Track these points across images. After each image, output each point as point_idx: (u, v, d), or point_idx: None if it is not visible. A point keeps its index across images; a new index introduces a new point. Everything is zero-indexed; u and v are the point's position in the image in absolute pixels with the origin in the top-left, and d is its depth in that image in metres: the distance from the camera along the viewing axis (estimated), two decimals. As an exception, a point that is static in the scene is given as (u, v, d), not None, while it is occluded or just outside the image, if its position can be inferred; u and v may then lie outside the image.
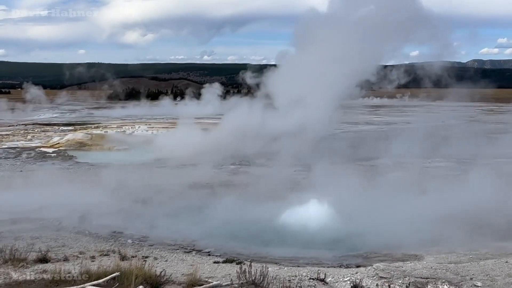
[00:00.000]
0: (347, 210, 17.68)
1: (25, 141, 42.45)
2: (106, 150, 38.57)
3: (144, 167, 29.19)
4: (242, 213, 18.10)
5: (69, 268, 10.89)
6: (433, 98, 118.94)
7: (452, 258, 13.02)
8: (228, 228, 16.63)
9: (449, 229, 15.87)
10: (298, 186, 22.73)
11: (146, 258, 12.63)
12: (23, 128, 53.61)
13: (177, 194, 21.44)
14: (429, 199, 18.61)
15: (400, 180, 21.26)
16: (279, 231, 16.40)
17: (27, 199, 19.52)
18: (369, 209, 17.90)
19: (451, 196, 18.60)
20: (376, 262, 12.32)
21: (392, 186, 20.30)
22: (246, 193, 20.80)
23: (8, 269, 10.92)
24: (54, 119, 67.77)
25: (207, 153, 29.85)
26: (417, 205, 17.79)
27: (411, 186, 20.17)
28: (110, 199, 19.62)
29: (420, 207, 17.58)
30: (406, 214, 16.96)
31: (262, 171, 26.12)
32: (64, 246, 13.86)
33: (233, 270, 11.06)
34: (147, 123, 56.54)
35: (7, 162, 31.64)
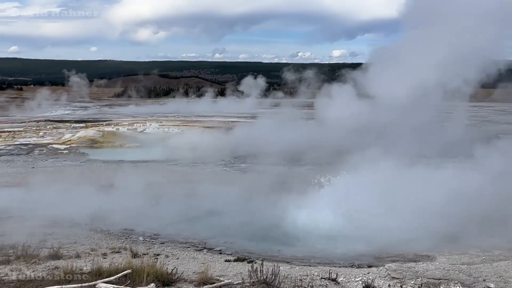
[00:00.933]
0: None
1: (37, 138, 42.63)
2: (118, 148, 38.68)
3: (155, 165, 29.26)
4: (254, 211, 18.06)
5: (81, 265, 10.93)
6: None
7: (464, 259, 12.94)
8: (240, 226, 16.60)
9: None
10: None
11: (158, 256, 12.66)
12: (35, 125, 53.83)
13: (188, 192, 21.48)
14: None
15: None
16: (291, 229, 16.34)
17: (39, 196, 19.59)
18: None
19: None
20: (388, 263, 12.27)
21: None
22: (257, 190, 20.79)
23: (20, 265, 10.98)
24: (66, 116, 68.03)
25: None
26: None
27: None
28: (121, 196, 19.63)
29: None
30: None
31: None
32: (76, 243, 13.91)
33: (244, 268, 11.05)
34: (158, 120, 56.58)
35: (20, 159, 31.79)
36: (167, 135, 44.55)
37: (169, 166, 28.97)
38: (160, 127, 50.08)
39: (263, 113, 57.33)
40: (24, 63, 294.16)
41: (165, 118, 60.61)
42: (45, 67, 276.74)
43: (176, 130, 47.76)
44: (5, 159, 31.60)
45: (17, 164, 29.73)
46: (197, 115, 65.23)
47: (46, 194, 19.96)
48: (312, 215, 16.82)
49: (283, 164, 27.96)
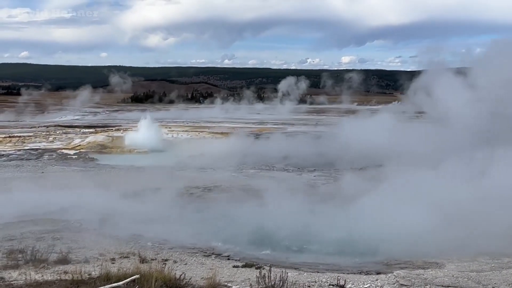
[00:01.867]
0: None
1: (46, 143, 42.82)
2: (127, 153, 38.79)
3: (164, 170, 29.31)
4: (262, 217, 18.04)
5: (90, 269, 10.96)
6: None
7: (473, 266, 12.86)
8: (248, 232, 16.57)
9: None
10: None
11: (166, 261, 12.67)
12: (45, 130, 54.07)
13: (197, 197, 21.52)
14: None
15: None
16: (299, 235, 16.31)
17: (49, 200, 19.67)
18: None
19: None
20: (397, 269, 12.23)
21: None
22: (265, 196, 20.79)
23: (29, 270, 11.02)
24: (76, 121, 68.32)
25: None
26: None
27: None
28: (130, 202, 19.70)
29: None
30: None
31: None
32: (85, 248, 13.94)
33: (252, 274, 11.04)
34: (167, 126, 56.65)
35: (29, 163, 31.94)
36: (176, 140, 44.61)
37: (178, 172, 29.01)
38: (169, 132, 50.08)
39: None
40: (35, 68, 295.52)
41: (174, 124, 60.67)
42: (55, 72, 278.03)
43: (185, 136, 47.81)
44: (15, 164, 31.76)
45: (26, 169, 29.86)
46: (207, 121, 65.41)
47: (55, 198, 20.06)
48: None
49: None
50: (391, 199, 17.60)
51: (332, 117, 74.68)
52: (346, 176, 24.11)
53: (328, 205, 19.24)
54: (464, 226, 15.48)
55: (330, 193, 21.26)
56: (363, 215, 17.38)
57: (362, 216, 17.37)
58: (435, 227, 15.68)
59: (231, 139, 42.34)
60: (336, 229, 16.57)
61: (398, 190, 18.18)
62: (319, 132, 50.24)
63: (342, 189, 20.99)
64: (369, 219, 17.00)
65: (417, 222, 15.88)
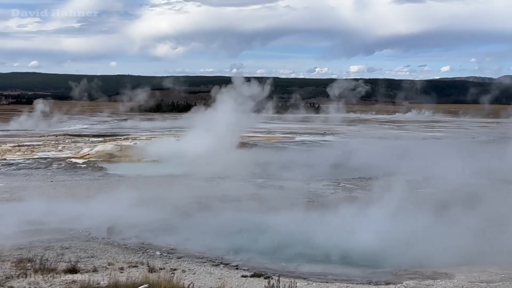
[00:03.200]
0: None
1: (55, 152, 42.95)
2: (135, 162, 38.84)
3: (172, 179, 29.33)
4: (270, 227, 18.01)
5: (98, 279, 10.97)
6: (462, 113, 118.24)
7: (483, 277, 12.78)
8: (257, 241, 16.55)
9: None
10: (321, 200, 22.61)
11: (175, 271, 12.65)
12: (54, 139, 54.26)
13: (205, 206, 21.51)
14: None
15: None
16: (307, 245, 16.26)
17: (58, 209, 19.73)
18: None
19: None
20: (406, 280, 12.18)
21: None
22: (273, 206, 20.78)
23: (38, 279, 11.05)
24: (84, 130, 68.54)
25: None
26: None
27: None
28: (138, 211, 19.71)
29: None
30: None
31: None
32: (93, 257, 13.95)
33: (261, 284, 11.04)
34: (176, 135, 56.71)
35: (38, 172, 32.03)
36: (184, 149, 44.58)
37: (186, 181, 29.01)
38: (178, 141, 50.07)
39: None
40: (44, 77, 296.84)
41: (182, 133, 60.73)
42: (64, 81, 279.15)
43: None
44: (24, 172, 31.86)
45: (35, 178, 29.94)
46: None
47: (63, 207, 20.13)
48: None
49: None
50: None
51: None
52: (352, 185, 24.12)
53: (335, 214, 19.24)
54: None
55: (339, 202, 21.23)
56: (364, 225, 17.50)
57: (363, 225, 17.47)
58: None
59: (240, 148, 42.36)
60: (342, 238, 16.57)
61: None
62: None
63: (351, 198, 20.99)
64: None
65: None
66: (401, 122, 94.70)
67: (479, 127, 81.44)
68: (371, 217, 18.14)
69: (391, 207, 18.64)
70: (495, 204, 18.74)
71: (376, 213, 18.40)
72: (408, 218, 18.08)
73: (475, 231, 16.06)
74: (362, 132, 69.24)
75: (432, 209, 18.69)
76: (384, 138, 58.23)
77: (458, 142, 51.81)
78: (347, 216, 18.78)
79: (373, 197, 20.55)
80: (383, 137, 59.74)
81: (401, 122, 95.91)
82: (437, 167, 26.65)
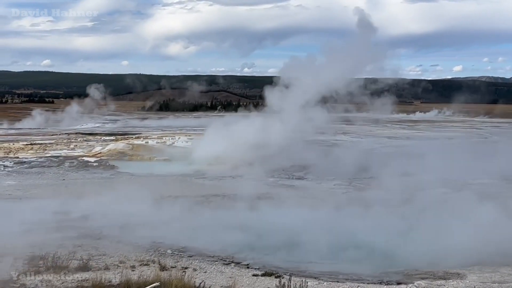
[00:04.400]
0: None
1: (68, 150, 43.14)
2: (147, 161, 38.95)
3: (183, 178, 29.41)
4: (281, 226, 17.98)
5: (110, 277, 11.02)
6: (474, 113, 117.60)
7: (495, 278, 12.71)
8: (268, 240, 16.54)
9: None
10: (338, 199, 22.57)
11: (186, 269, 12.68)
12: (66, 137, 54.52)
13: (216, 205, 21.54)
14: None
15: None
16: (318, 245, 16.23)
17: (70, 208, 19.83)
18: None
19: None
20: (417, 280, 12.13)
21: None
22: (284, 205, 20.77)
23: (50, 277, 11.10)
24: (96, 129, 68.81)
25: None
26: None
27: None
28: (150, 209, 19.75)
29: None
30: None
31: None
32: (105, 255, 14.01)
33: (272, 283, 11.04)
34: (187, 134, 56.82)
35: (50, 171, 32.19)
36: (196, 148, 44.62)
37: (197, 180, 29.08)
38: (189, 140, 50.15)
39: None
40: (57, 76, 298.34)
41: (194, 132, 60.84)
42: (76, 80, 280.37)
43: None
44: (36, 171, 32.03)
45: (48, 176, 30.11)
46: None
47: (75, 205, 20.22)
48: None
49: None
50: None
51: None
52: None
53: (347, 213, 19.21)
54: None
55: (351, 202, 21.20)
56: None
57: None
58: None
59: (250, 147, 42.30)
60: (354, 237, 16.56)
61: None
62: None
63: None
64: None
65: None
66: (413, 122, 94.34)
67: (492, 127, 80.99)
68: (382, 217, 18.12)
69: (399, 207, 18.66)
70: (506, 203, 18.61)
71: (387, 213, 18.40)
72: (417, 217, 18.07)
73: (487, 230, 15.95)
74: (373, 131, 69.01)
75: (442, 209, 18.58)
76: (396, 138, 58.08)
77: (470, 142, 51.54)
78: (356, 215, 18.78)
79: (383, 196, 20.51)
80: (394, 136, 59.60)
81: (412, 122, 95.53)
82: (449, 167, 26.54)
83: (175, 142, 49.11)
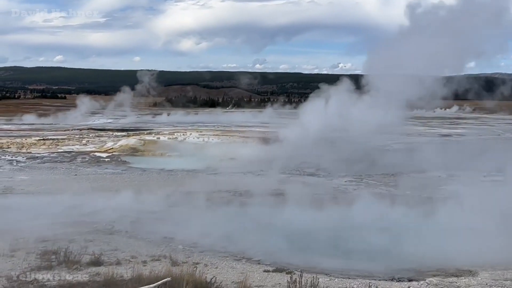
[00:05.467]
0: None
1: (80, 146, 43.33)
2: (158, 156, 39.06)
3: (195, 174, 29.46)
4: (292, 222, 17.97)
5: (122, 272, 11.05)
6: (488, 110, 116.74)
7: (508, 275, 12.61)
8: (278, 237, 16.54)
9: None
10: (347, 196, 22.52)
11: (197, 264, 12.69)
12: (78, 133, 54.77)
13: (227, 201, 21.56)
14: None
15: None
16: (329, 241, 16.22)
17: (81, 203, 19.92)
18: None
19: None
20: (429, 277, 12.08)
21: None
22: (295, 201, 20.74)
23: (62, 271, 11.16)
24: (108, 125, 69.01)
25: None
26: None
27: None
28: (161, 205, 19.82)
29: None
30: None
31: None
32: (117, 250, 14.05)
33: (283, 279, 11.03)
34: (199, 130, 56.90)
35: (63, 166, 32.36)
36: (207, 144, 44.73)
37: (208, 176, 29.11)
38: (200, 136, 50.23)
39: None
40: (69, 72, 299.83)
41: (205, 128, 60.92)
42: (88, 76, 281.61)
43: (216, 140, 47.84)
44: (49, 166, 32.22)
45: (60, 171, 30.26)
46: (239, 125, 65.68)
47: (87, 200, 20.31)
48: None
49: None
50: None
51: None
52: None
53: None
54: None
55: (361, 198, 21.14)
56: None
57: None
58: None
59: (262, 144, 42.26)
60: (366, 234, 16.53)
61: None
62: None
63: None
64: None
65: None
66: (425, 119, 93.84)
67: (505, 124, 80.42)
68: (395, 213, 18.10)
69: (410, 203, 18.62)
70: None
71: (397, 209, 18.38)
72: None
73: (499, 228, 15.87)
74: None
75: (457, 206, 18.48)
76: (408, 134, 57.83)
77: (483, 140, 51.26)
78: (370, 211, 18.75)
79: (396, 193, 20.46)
80: (406, 133, 59.33)
81: (425, 118, 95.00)
82: (461, 164, 26.37)
83: (186, 138, 49.20)
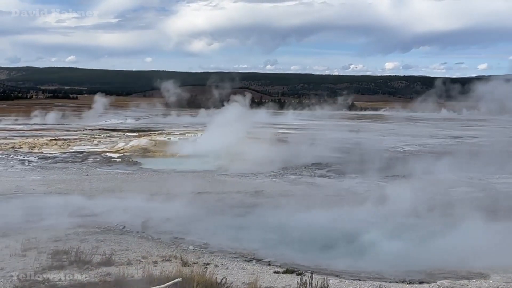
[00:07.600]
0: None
1: (91, 146, 43.51)
2: (169, 157, 39.11)
3: (205, 175, 29.50)
4: (303, 223, 17.95)
5: (132, 272, 11.10)
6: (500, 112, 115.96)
7: (520, 278, 12.56)
8: (289, 238, 16.52)
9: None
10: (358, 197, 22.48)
11: (207, 265, 12.71)
12: (89, 133, 55.02)
13: (238, 202, 21.57)
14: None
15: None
16: (340, 243, 16.18)
17: (93, 203, 20.02)
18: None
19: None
20: (440, 279, 12.03)
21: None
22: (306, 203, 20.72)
23: (73, 271, 11.22)
24: (119, 125, 69.29)
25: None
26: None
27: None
28: (172, 205, 19.86)
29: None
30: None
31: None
32: (128, 250, 14.10)
33: (293, 281, 11.03)
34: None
35: (74, 166, 32.51)
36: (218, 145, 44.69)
37: (219, 176, 29.15)
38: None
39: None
40: (81, 72, 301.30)
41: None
42: (100, 76, 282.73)
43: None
44: (60, 166, 32.37)
45: (71, 171, 30.39)
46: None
47: (98, 201, 20.41)
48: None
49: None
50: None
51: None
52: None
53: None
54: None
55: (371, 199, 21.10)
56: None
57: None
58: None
59: (272, 144, 42.26)
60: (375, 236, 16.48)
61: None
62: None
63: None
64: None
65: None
66: (436, 120, 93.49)
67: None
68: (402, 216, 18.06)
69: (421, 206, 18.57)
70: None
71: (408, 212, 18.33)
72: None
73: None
74: (396, 130, 68.59)
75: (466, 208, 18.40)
76: (419, 136, 57.66)
77: (495, 142, 50.97)
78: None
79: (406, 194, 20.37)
80: (418, 135, 59.16)
81: (436, 120, 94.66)
82: (472, 167, 26.31)
83: (197, 139, 49.22)
